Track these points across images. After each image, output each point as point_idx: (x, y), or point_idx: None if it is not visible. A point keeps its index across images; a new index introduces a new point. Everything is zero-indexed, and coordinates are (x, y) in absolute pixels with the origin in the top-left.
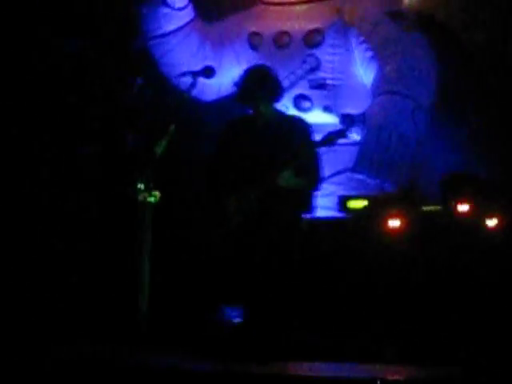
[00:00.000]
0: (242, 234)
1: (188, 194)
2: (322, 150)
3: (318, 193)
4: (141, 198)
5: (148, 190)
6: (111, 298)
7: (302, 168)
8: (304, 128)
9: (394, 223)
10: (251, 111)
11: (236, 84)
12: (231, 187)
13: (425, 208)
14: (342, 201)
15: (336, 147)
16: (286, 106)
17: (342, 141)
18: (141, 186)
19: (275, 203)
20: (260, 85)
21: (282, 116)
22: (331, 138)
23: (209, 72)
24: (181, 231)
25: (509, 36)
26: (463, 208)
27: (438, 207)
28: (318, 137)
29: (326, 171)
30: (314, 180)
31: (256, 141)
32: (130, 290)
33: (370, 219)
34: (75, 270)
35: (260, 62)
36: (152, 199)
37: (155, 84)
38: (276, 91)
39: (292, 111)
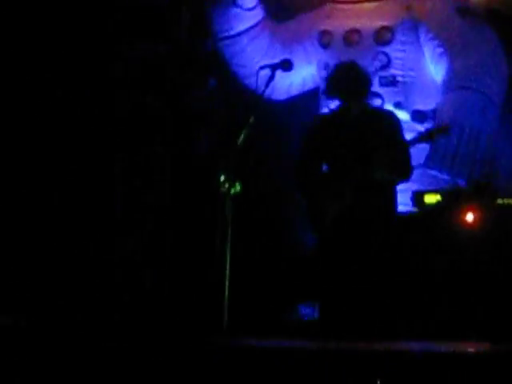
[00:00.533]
0: (338, 227)
1: (267, 187)
2: None
3: None
4: (223, 189)
5: (230, 181)
6: (192, 291)
7: (396, 160)
8: (395, 121)
9: (470, 217)
10: (338, 107)
11: (327, 79)
12: (323, 182)
13: (500, 201)
14: (417, 196)
15: None
16: None
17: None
18: (223, 177)
19: (370, 196)
20: (353, 80)
21: (373, 110)
22: (431, 134)
23: (287, 65)
24: (263, 224)
25: None
26: None
27: None
28: None
29: None
30: (406, 172)
31: (348, 134)
32: (212, 282)
33: (445, 213)
34: (159, 262)
35: (331, 60)
36: (235, 190)
37: (228, 84)
38: (367, 87)
39: None
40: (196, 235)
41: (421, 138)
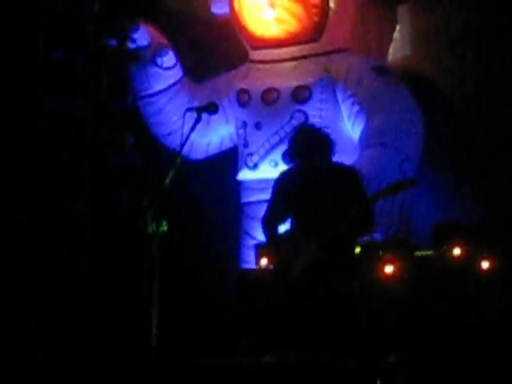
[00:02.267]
0: (302, 282)
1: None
2: None
3: None
4: (151, 228)
5: (157, 220)
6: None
7: (360, 214)
8: (357, 176)
9: (388, 268)
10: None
11: (291, 140)
12: (289, 236)
13: (418, 253)
14: None
15: None
16: (275, 161)
17: None
18: (150, 217)
19: (335, 250)
20: (317, 140)
21: (335, 165)
22: (397, 186)
23: (212, 108)
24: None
25: (492, 89)
26: (457, 251)
27: (431, 252)
28: None
29: None
30: (370, 225)
31: (312, 188)
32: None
33: (364, 265)
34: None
35: (249, 118)
36: (162, 229)
37: (146, 143)
38: (330, 146)
39: (281, 166)
40: (124, 277)
41: (387, 190)
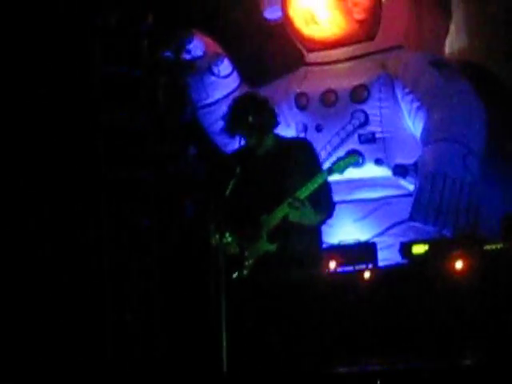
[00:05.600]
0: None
1: None
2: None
3: (378, 246)
4: (214, 240)
5: (221, 231)
6: (190, 343)
7: (314, 198)
8: (308, 153)
9: (459, 264)
10: (244, 145)
11: (223, 117)
12: (233, 229)
13: (488, 247)
14: (405, 247)
15: (390, 199)
16: None
17: (395, 192)
18: (213, 228)
19: (288, 240)
20: (244, 114)
21: (283, 142)
22: (342, 163)
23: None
24: None
25: None
26: None
27: (501, 244)
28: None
29: (383, 224)
30: (326, 208)
31: (255, 174)
32: (209, 333)
33: (434, 262)
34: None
35: (308, 121)
36: (226, 240)
37: (208, 153)
38: (263, 118)
39: None
40: (191, 288)
41: (333, 168)
